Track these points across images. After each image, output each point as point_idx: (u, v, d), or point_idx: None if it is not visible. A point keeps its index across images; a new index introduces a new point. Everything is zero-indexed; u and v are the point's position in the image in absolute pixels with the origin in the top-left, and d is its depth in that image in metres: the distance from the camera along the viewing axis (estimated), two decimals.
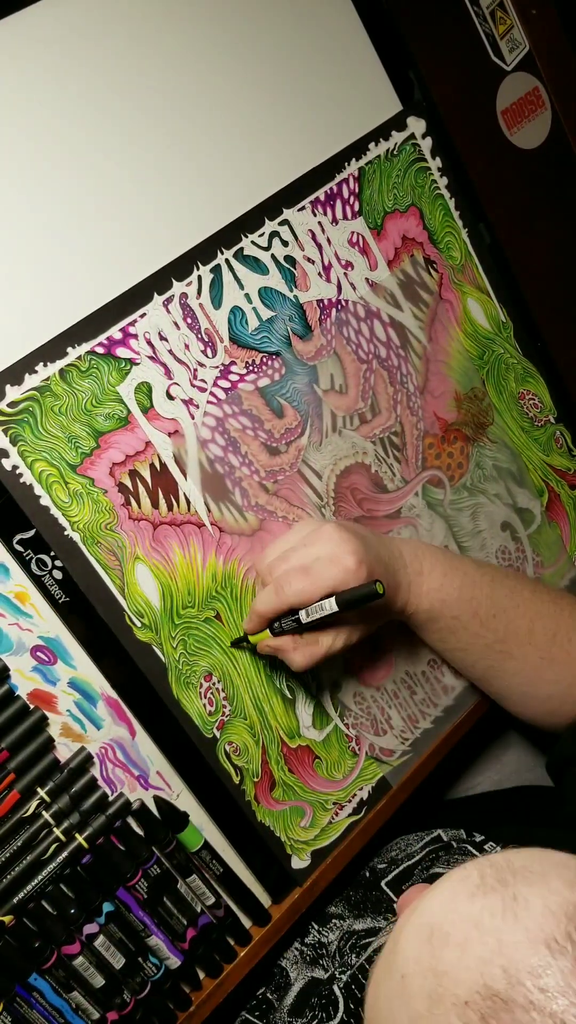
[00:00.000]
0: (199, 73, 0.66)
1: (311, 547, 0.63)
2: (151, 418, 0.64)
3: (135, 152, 0.64)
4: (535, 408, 0.84)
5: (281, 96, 0.70)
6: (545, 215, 0.84)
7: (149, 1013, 0.65)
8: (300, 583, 0.62)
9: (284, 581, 0.62)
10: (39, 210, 0.61)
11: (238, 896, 0.69)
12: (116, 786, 0.64)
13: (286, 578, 0.62)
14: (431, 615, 0.67)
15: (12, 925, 0.60)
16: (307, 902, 0.72)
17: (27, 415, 0.59)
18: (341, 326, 0.72)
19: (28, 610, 0.60)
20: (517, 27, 0.80)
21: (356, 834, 0.74)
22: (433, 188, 0.77)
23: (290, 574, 0.62)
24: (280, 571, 0.64)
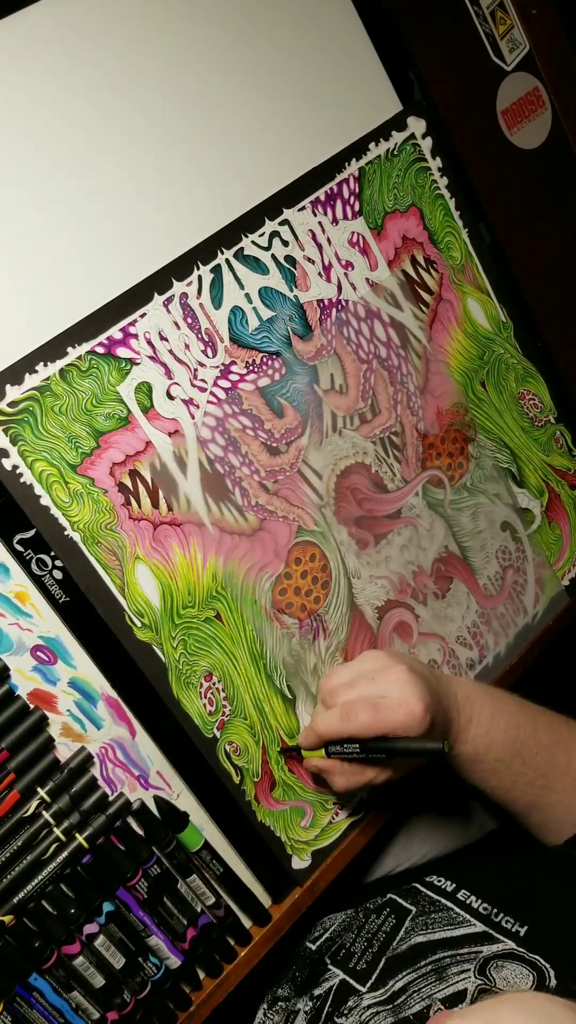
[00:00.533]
0: (199, 73, 0.66)
1: (380, 683, 0.65)
2: (151, 418, 0.64)
3: (135, 152, 0.64)
4: (535, 408, 0.84)
5: (281, 96, 0.70)
6: (545, 215, 0.84)
7: (149, 1013, 0.65)
8: (367, 718, 0.63)
9: (352, 711, 0.64)
10: (39, 210, 0.61)
11: (238, 896, 0.69)
12: (116, 786, 0.64)
13: (354, 709, 0.64)
14: (476, 758, 0.69)
15: (12, 925, 0.60)
16: (307, 902, 0.72)
17: (27, 415, 0.59)
18: (341, 326, 0.72)
19: (28, 610, 0.60)
20: (517, 27, 0.80)
21: (356, 834, 0.74)
22: (433, 188, 0.77)
23: (358, 706, 0.64)
24: (346, 699, 0.65)
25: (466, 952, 0.64)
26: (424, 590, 0.77)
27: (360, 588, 0.74)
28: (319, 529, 0.72)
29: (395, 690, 0.64)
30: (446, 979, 0.62)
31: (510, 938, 0.64)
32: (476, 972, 0.62)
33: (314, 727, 0.67)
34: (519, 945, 0.63)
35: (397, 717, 0.63)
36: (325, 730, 0.65)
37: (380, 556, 0.75)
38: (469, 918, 0.67)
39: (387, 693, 0.64)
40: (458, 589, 0.79)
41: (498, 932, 0.64)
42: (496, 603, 0.82)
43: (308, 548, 0.71)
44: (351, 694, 0.66)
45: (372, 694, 0.65)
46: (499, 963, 0.62)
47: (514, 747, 0.69)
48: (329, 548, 0.72)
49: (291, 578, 0.70)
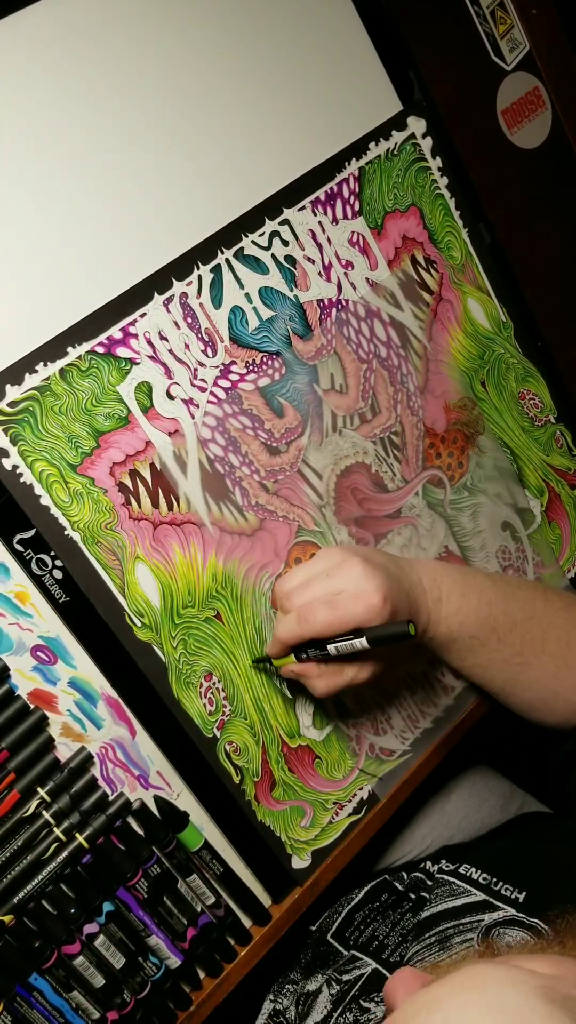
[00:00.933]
0: (199, 73, 0.66)
1: (335, 579, 0.63)
2: (151, 418, 0.64)
3: (135, 152, 0.64)
4: (535, 408, 0.84)
5: (281, 96, 0.70)
6: (545, 215, 0.84)
7: (149, 1013, 0.65)
8: (325, 616, 0.62)
9: (308, 612, 0.62)
10: (40, 210, 0.61)
11: (238, 896, 0.69)
12: (116, 786, 0.64)
13: (310, 609, 0.62)
14: (450, 637, 0.68)
15: (12, 925, 0.60)
16: (307, 902, 0.72)
17: (27, 415, 0.59)
18: (341, 326, 0.72)
19: (28, 610, 0.60)
20: (517, 27, 0.80)
21: (356, 834, 0.74)
22: (433, 188, 0.77)
23: (314, 605, 0.62)
24: (303, 600, 0.64)
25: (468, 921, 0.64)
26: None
27: None
28: (319, 529, 0.72)
29: (350, 584, 0.62)
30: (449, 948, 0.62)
31: (510, 904, 0.63)
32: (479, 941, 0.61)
33: (276, 634, 0.64)
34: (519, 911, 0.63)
35: (356, 610, 0.61)
36: (287, 636, 0.63)
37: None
38: (469, 888, 0.67)
39: (343, 588, 0.62)
40: None
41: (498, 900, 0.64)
42: None
43: (308, 548, 0.71)
44: (306, 595, 0.64)
45: (328, 591, 0.63)
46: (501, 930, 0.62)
47: (488, 623, 0.67)
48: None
49: None
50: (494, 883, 0.66)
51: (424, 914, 0.67)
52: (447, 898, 0.67)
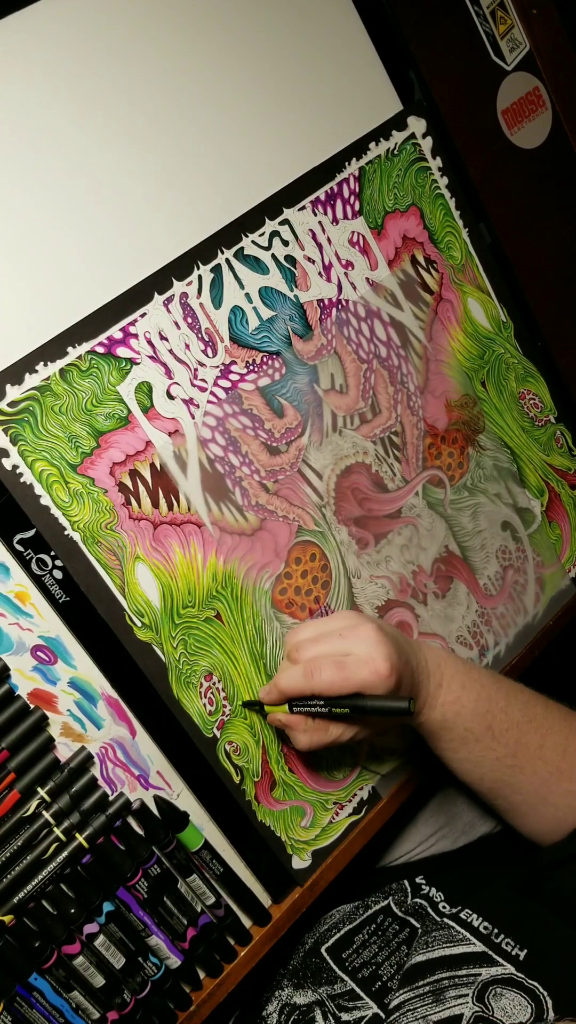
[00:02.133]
0: (200, 73, 0.66)
1: (347, 641, 0.64)
2: (151, 418, 0.64)
3: (135, 152, 0.64)
4: (535, 408, 0.84)
5: (282, 96, 0.70)
6: (545, 215, 0.84)
7: (149, 1013, 0.65)
8: (331, 675, 0.62)
9: (316, 668, 0.63)
10: (40, 209, 0.60)
11: (238, 896, 0.69)
12: (116, 786, 0.64)
13: (318, 665, 0.63)
14: (444, 725, 0.68)
15: (12, 925, 0.60)
16: (307, 902, 0.72)
17: (27, 415, 0.59)
18: (341, 326, 0.72)
19: (28, 610, 0.60)
20: (517, 27, 0.80)
21: (357, 834, 0.74)
22: (433, 188, 0.77)
23: (323, 663, 0.63)
24: (311, 654, 0.64)
25: (464, 975, 0.63)
26: (424, 590, 0.77)
27: (360, 588, 0.74)
28: (319, 529, 0.72)
29: (361, 648, 0.63)
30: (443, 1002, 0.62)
31: (510, 962, 0.63)
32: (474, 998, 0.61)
33: (277, 683, 0.65)
34: (518, 970, 0.62)
35: (362, 674, 0.62)
36: (288, 686, 0.64)
37: (380, 556, 0.75)
38: (469, 936, 0.66)
39: (353, 650, 0.63)
40: (458, 589, 0.79)
41: (498, 954, 0.64)
42: (496, 603, 0.82)
43: (308, 548, 0.71)
44: (317, 650, 0.64)
45: (338, 651, 0.63)
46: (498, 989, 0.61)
47: (485, 720, 0.67)
48: (329, 548, 0.72)
49: (291, 578, 0.70)
50: (495, 935, 0.66)
51: (419, 958, 0.66)
52: (444, 944, 0.66)
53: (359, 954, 0.72)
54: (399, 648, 0.64)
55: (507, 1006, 0.60)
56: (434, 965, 0.65)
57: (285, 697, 0.65)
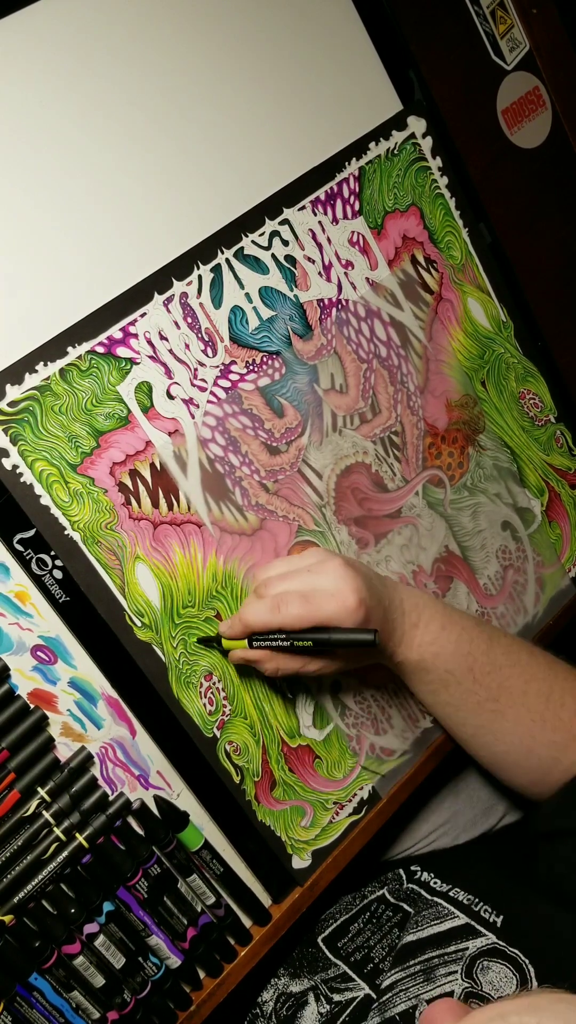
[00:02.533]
0: (200, 73, 0.66)
1: (315, 575, 0.63)
2: (151, 417, 0.64)
3: (135, 151, 0.64)
4: (535, 408, 0.84)
5: (282, 96, 0.70)
6: (545, 214, 0.84)
7: (149, 1013, 0.65)
8: (298, 608, 0.61)
9: (283, 602, 0.62)
10: (40, 209, 0.61)
11: (238, 896, 0.69)
12: (116, 786, 0.64)
13: (285, 599, 0.62)
14: (422, 666, 0.67)
15: (12, 925, 0.60)
16: (307, 902, 0.72)
17: (27, 414, 0.59)
18: (341, 325, 0.72)
19: (28, 610, 0.60)
20: (517, 26, 0.80)
21: (357, 833, 0.74)
22: (433, 187, 0.77)
23: (290, 596, 0.62)
24: (279, 589, 0.63)
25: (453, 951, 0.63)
26: (424, 589, 0.77)
27: None
28: (319, 529, 0.72)
29: (329, 582, 0.62)
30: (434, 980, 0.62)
31: (489, 930, 0.63)
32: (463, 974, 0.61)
33: (242, 617, 0.63)
34: (499, 938, 0.62)
35: (329, 608, 0.61)
36: (254, 620, 0.62)
37: (380, 555, 0.75)
38: (454, 910, 0.66)
39: (320, 585, 0.62)
40: (458, 589, 0.79)
41: (478, 923, 0.64)
42: (496, 603, 0.82)
43: (308, 547, 0.71)
44: (284, 585, 0.63)
45: (306, 585, 0.63)
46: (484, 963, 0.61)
47: (466, 661, 0.66)
48: (329, 547, 0.72)
49: None
50: (475, 903, 0.66)
51: (409, 937, 0.67)
52: (432, 922, 0.67)
53: (353, 941, 0.72)
54: (369, 583, 0.63)
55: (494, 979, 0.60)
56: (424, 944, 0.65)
57: (249, 631, 0.63)
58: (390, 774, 0.76)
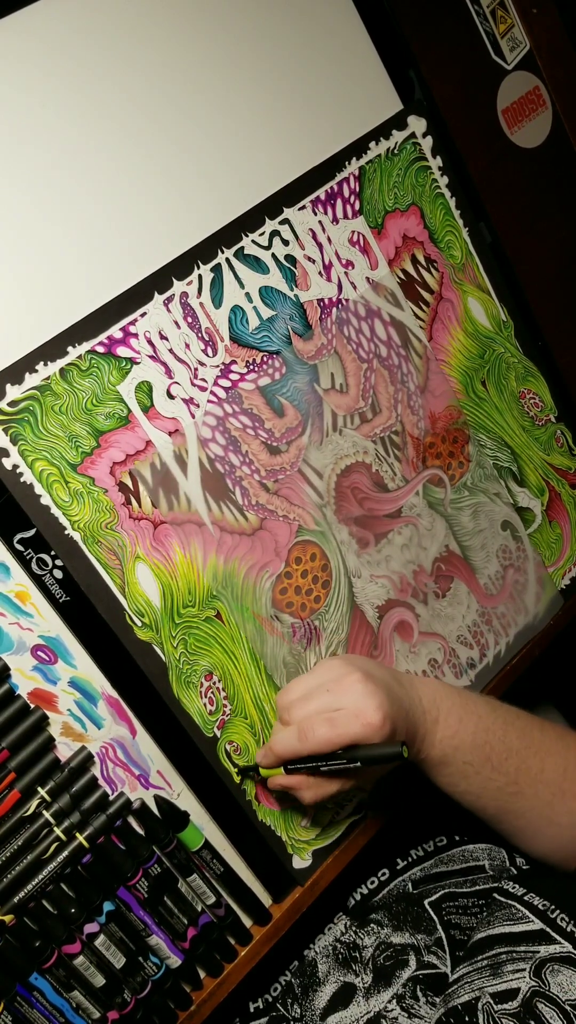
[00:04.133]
0: (200, 73, 0.66)
1: (335, 695, 0.63)
2: (151, 417, 0.64)
3: (135, 151, 0.64)
4: (536, 407, 0.84)
5: (282, 95, 0.70)
6: (546, 214, 0.84)
7: (150, 1012, 0.65)
8: (324, 733, 0.62)
9: (308, 728, 0.63)
10: (40, 209, 0.60)
11: (239, 895, 0.69)
12: (117, 785, 0.64)
13: (310, 725, 0.63)
14: (444, 760, 0.68)
15: (13, 924, 0.60)
16: (308, 901, 0.72)
17: (27, 414, 0.59)
18: (342, 325, 0.72)
19: (28, 609, 0.60)
20: (518, 26, 0.80)
21: (357, 833, 0.74)
22: (434, 187, 0.77)
23: (314, 722, 0.63)
24: (302, 714, 0.64)
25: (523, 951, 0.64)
26: (425, 589, 0.77)
27: (360, 587, 0.74)
28: (319, 528, 0.72)
29: (350, 700, 0.63)
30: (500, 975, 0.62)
31: (567, 939, 0.63)
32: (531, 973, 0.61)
33: (272, 748, 0.65)
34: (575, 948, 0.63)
35: (354, 728, 0.61)
36: (284, 750, 0.64)
37: (380, 555, 0.75)
38: (528, 914, 0.67)
39: (343, 704, 0.63)
40: (459, 588, 0.79)
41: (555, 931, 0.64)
42: (497, 602, 0.82)
43: (308, 547, 0.71)
44: (307, 709, 0.64)
45: (328, 707, 0.63)
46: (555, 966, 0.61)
47: (483, 751, 0.67)
48: (329, 547, 0.72)
49: (291, 577, 0.70)
50: (551, 910, 0.66)
51: (480, 935, 0.67)
52: (505, 922, 0.67)
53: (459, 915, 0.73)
54: (390, 693, 0.64)
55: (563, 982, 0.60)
56: (493, 941, 0.65)
57: (282, 761, 0.65)
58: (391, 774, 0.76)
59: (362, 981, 0.69)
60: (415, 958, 0.69)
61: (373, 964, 0.70)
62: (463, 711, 0.68)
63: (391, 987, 0.68)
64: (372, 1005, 0.68)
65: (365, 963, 0.70)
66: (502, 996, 0.60)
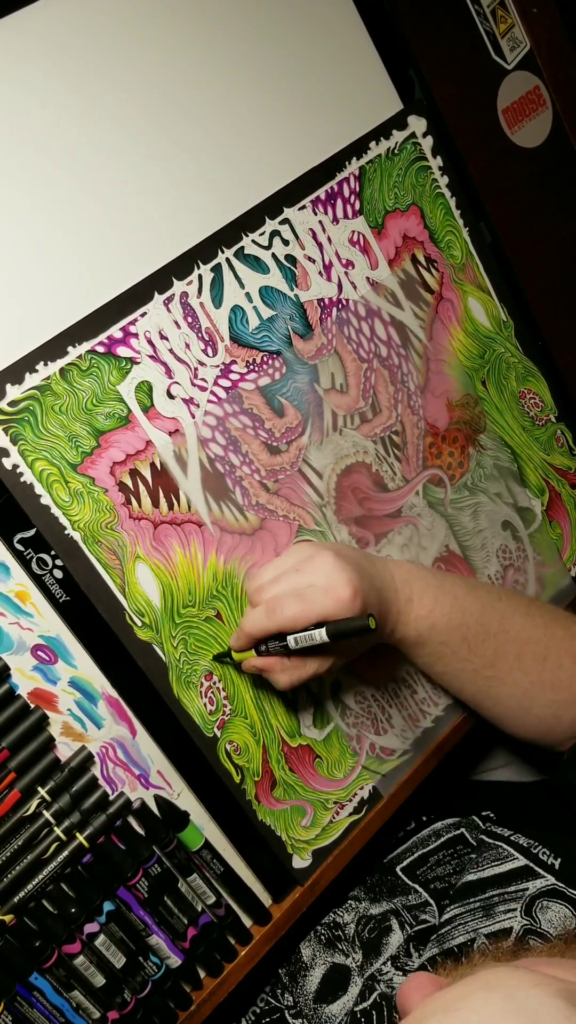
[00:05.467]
0: (200, 72, 0.66)
1: (305, 573, 0.63)
2: (151, 417, 0.64)
3: (135, 151, 0.64)
4: (536, 407, 0.84)
5: (282, 95, 0.70)
6: (546, 214, 0.84)
7: (150, 1012, 0.65)
8: (293, 609, 0.61)
9: (277, 605, 0.62)
10: (40, 209, 0.61)
11: (239, 895, 0.69)
12: (117, 785, 0.64)
13: (279, 602, 0.62)
14: (419, 640, 0.67)
15: (13, 924, 0.60)
16: (308, 901, 0.72)
17: (28, 414, 0.59)
18: (342, 325, 0.72)
19: (29, 609, 0.60)
20: (518, 26, 0.80)
21: (357, 833, 0.74)
22: (434, 187, 0.77)
23: (283, 598, 0.62)
24: (272, 593, 0.63)
25: (513, 890, 0.64)
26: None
27: None
28: (320, 528, 0.72)
29: (320, 577, 0.61)
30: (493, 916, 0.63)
31: (548, 872, 0.64)
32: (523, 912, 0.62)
33: (243, 627, 0.63)
34: (558, 879, 0.63)
35: (325, 603, 0.60)
36: (254, 629, 0.62)
37: (381, 555, 0.75)
38: (513, 852, 0.67)
39: (313, 581, 0.62)
40: None
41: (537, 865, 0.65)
42: None
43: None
44: (276, 588, 0.63)
45: (298, 585, 0.62)
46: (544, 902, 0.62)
47: (460, 632, 0.66)
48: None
49: None
50: (534, 846, 0.67)
51: (470, 877, 0.67)
52: (493, 863, 0.67)
53: (432, 870, 0.73)
54: (361, 570, 0.63)
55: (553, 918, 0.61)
56: (485, 883, 0.66)
57: (253, 640, 0.63)
58: (391, 774, 0.76)
59: (353, 960, 0.69)
60: (397, 921, 0.70)
61: (359, 939, 0.70)
62: (439, 591, 0.67)
63: (382, 956, 0.68)
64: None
65: (350, 940, 0.70)
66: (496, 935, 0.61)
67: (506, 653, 0.68)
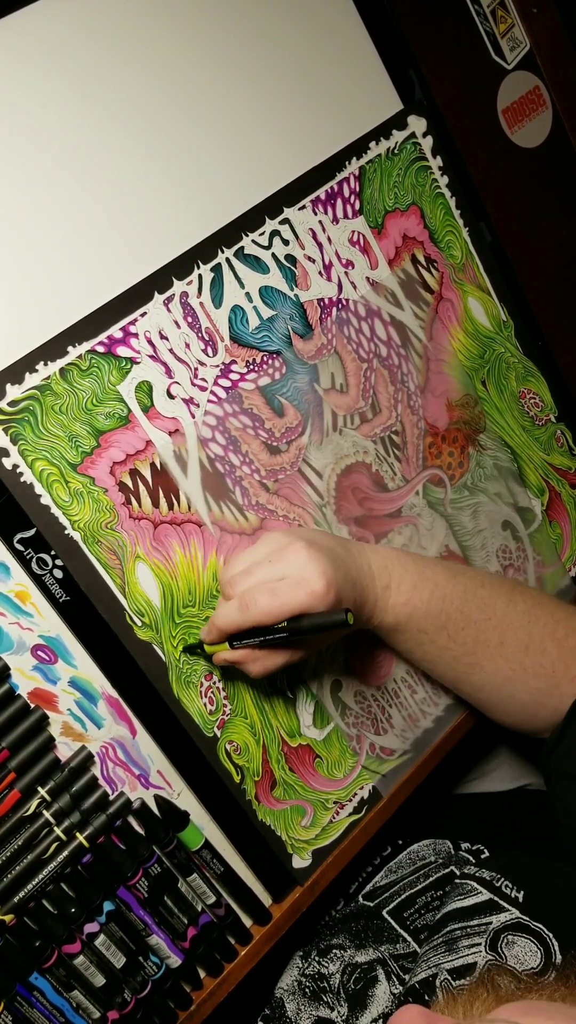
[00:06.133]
0: (200, 72, 0.66)
1: (278, 565, 0.61)
2: (151, 417, 0.64)
3: (135, 151, 0.64)
4: (536, 407, 0.84)
5: (282, 95, 0.70)
6: (546, 214, 0.84)
7: (150, 1012, 0.65)
8: (266, 603, 0.59)
9: (250, 599, 0.60)
10: (40, 209, 0.60)
11: (239, 895, 0.69)
12: (117, 785, 0.64)
13: (251, 596, 0.60)
14: (396, 628, 0.66)
15: (13, 924, 0.60)
16: (308, 901, 0.72)
17: (28, 414, 0.59)
18: (342, 325, 0.72)
19: (29, 609, 0.60)
20: (518, 26, 0.80)
21: (357, 833, 0.74)
22: (434, 187, 0.77)
23: (255, 592, 0.60)
24: (244, 587, 0.62)
25: (476, 924, 0.63)
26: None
27: None
28: (320, 528, 0.71)
29: (293, 569, 0.60)
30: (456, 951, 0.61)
31: (512, 904, 0.63)
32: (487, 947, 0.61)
33: (214, 621, 0.62)
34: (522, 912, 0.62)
35: (298, 597, 0.59)
36: (225, 623, 0.61)
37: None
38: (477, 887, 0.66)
39: (286, 573, 0.60)
40: None
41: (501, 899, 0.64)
42: None
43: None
44: (249, 581, 0.61)
45: (270, 577, 0.60)
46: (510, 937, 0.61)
47: (439, 619, 0.65)
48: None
49: None
50: (496, 879, 0.66)
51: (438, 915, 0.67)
52: (456, 898, 0.67)
53: (421, 916, 0.72)
54: (335, 560, 0.61)
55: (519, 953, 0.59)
56: (447, 918, 0.65)
57: (224, 635, 0.62)
58: (390, 774, 0.76)
59: (339, 1014, 0.67)
60: (383, 971, 0.68)
61: (344, 991, 0.67)
62: (418, 577, 0.66)
63: (368, 1009, 0.66)
64: None
65: (335, 992, 0.68)
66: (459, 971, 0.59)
67: (487, 640, 0.67)
